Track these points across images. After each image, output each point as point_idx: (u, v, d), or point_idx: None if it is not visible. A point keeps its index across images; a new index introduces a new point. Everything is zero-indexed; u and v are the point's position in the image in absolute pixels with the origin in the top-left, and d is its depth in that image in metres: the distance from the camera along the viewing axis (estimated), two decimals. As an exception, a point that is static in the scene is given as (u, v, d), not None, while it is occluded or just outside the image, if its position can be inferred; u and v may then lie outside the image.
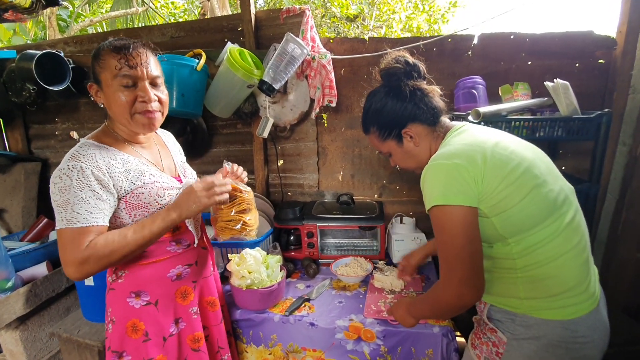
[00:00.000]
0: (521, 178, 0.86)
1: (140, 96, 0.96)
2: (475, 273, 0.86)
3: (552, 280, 0.87)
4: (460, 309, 0.90)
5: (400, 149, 1.08)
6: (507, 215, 0.86)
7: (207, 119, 2.10)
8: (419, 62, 1.05)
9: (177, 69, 1.65)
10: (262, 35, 1.95)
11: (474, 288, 0.86)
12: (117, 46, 0.95)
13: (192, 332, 1.13)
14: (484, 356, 0.98)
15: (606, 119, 1.38)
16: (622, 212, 1.68)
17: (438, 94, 1.05)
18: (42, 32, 5.73)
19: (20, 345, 1.63)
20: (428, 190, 0.90)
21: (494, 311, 0.96)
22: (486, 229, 0.90)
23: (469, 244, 0.85)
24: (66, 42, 2.23)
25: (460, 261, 0.85)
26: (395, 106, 1.04)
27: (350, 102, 1.97)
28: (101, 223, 0.91)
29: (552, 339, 0.87)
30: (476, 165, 0.86)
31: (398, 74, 1.03)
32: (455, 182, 0.86)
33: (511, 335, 0.91)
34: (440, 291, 0.92)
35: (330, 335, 1.30)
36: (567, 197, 0.92)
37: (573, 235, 0.89)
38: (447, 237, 0.87)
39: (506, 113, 1.46)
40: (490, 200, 0.86)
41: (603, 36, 1.68)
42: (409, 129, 1.04)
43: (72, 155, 0.91)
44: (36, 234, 1.97)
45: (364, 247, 1.82)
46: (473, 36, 1.77)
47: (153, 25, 2.23)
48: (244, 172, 1.21)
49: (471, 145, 0.92)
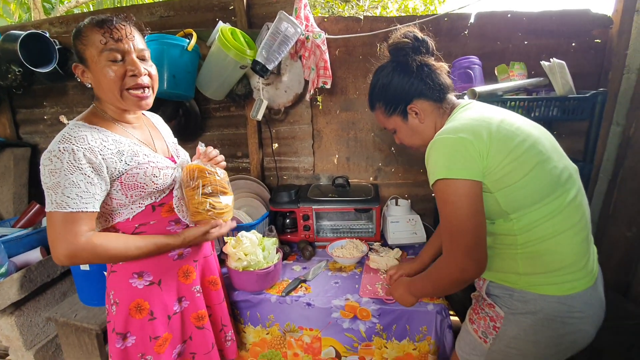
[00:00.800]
0: (526, 154, 0.87)
1: (129, 70, 0.94)
2: (479, 246, 0.86)
3: (551, 257, 0.88)
4: (463, 283, 0.91)
5: (405, 125, 1.08)
6: (510, 191, 0.87)
7: (200, 101, 2.06)
8: (428, 38, 1.04)
9: (167, 49, 1.61)
10: (254, 14, 1.89)
11: (477, 261, 0.86)
12: (99, 20, 0.92)
13: (195, 310, 1.14)
14: (482, 330, 1.00)
15: (601, 99, 1.38)
16: (614, 191, 1.70)
17: (445, 71, 1.05)
18: (26, 14, 5.52)
19: (16, 330, 1.63)
20: (432, 164, 0.90)
21: (493, 287, 0.98)
22: (489, 205, 0.90)
23: (473, 216, 0.85)
24: (51, 22, 2.16)
25: (464, 234, 0.85)
26: (401, 81, 1.03)
27: (345, 84, 1.94)
28: (91, 209, 0.90)
29: (549, 314, 0.88)
30: (482, 140, 0.86)
31: (406, 49, 1.02)
32: (460, 156, 0.86)
33: (508, 310, 0.93)
34: (443, 265, 0.93)
35: (327, 315, 1.31)
36: (571, 176, 0.92)
37: (574, 213, 0.90)
38: (450, 211, 0.86)
39: (502, 93, 1.45)
40: (495, 175, 0.86)
41: (600, 15, 1.67)
42: (414, 105, 1.03)
43: (62, 137, 0.89)
44: (28, 220, 1.95)
45: (360, 229, 1.83)
46: (470, 15, 1.74)
47: (141, 4, 2.16)
48: (220, 155, 1.16)
49: (477, 120, 0.91)
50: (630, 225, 1.67)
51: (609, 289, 1.41)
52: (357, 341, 1.32)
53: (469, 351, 1.04)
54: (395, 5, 5.07)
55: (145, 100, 1.00)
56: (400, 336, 1.29)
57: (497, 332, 0.95)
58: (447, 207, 0.87)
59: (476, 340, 1.01)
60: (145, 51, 0.99)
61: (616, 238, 1.72)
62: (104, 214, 0.99)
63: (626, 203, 1.66)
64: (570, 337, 0.91)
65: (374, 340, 1.31)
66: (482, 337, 0.99)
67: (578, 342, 0.92)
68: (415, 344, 1.28)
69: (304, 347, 1.38)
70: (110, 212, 0.99)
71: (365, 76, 1.91)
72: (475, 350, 1.02)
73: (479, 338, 1.00)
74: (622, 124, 1.66)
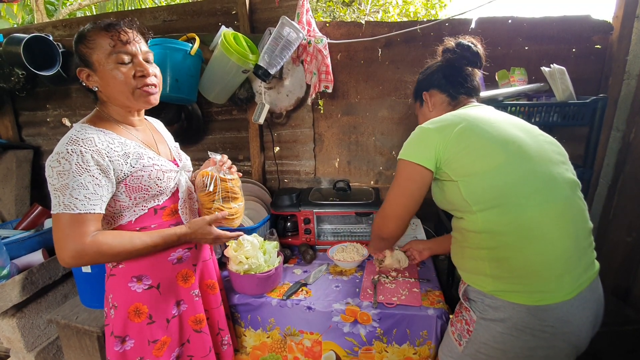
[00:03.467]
0: (489, 149, 0.92)
1: (138, 71, 0.97)
2: (394, 219, 1.05)
3: (516, 261, 0.88)
4: (379, 237, 1.15)
5: (420, 111, 1.26)
6: (471, 180, 0.92)
7: (202, 105, 2.07)
8: (479, 48, 1.14)
9: (171, 53, 1.62)
10: (257, 19, 1.91)
11: (388, 228, 1.08)
12: (106, 24, 0.95)
13: (193, 313, 1.14)
14: (458, 333, 1.02)
15: (601, 104, 1.39)
16: (614, 197, 1.71)
17: (477, 76, 1.16)
18: (29, 16, 5.55)
19: (17, 332, 1.63)
20: (403, 146, 1.05)
21: (470, 291, 0.99)
22: (453, 193, 0.96)
23: (403, 195, 1.02)
24: (55, 25, 2.17)
25: (390, 205, 1.05)
26: (430, 74, 1.19)
27: (347, 88, 1.95)
28: (98, 211, 0.90)
29: (517, 323, 0.88)
30: (443, 133, 0.97)
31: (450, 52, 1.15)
32: (418, 143, 1.00)
33: (480, 315, 0.94)
34: (375, 218, 1.15)
35: (327, 318, 1.32)
36: (554, 184, 0.91)
37: (547, 222, 0.88)
38: (394, 184, 1.04)
39: (502, 98, 1.46)
40: (452, 163, 0.95)
41: (600, 21, 1.68)
42: (429, 93, 1.19)
43: (70, 139, 0.90)
44: (30, 222, 1.96)
45: (361, 232, 1.84)
46: (470, 20, 1.76)
47: (144, 8, 2.17)
48: (233, 166, 1.19)
49: (454, 116, 1.01)
50: (630, 231, 1.67)
51: (609, 294, 1.42)
52: (358, 345, 1.33)
53: (447, 352, 1.06)
54: (397, 10, 5.09)
55: (154, 95, 1.03)
56: (400, 340, 1.29)
57: (470, 336, 0.96)
58: (393, 182, 1.05)
59: (452, 343, 1.03)
60: (149, 54, 1.03)
61: (616, 243, 1.72)
62: (107, 216, 1.00)
63: (626, 208, 1.67)
64: (541, 351, 0.88)
65: (375, 345, 1.31)
66: (457, 339, 1.01)
67: (551, 359, 0.90)
68: (415, 349, 1.29)
69: (304, 351, 1.38)
70: (113, 215, 1.00)
71: (366, 80, 1.92)
72: (451, 352, 1.04)
73: (455, 340, 1.02)
74: (622, 129, 1.67)
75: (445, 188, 0.99)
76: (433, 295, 1.35)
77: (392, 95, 1.90)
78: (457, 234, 1.03)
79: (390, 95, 1.91)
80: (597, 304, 0.94)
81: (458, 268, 1.05)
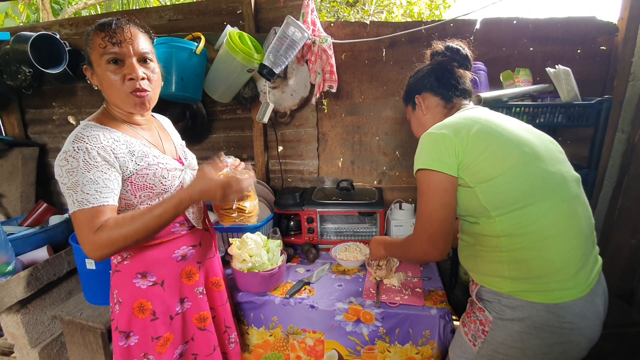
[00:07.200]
0: (506, 151, 0.91)
1: (127, 74, 0.94)
2: (442, 236, 0.95)
3: (537, 262, 0.88)
4: (423, 262, 1.12)
5: (413, 115, 1.22)
6: (489, 186, 0.90)
7: (207, 104, 2.08)
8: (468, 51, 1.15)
9: (176, 52, 1.63)
10: (262, 19, 1.92)
11: (438, 249, 0.97)
12: (100, 24, 0.93)
13: (197, 311, 1.15)
14: (472, 333, 1.01)
15: (606, 106, 1.38)
16: (618, 198, 1.70)
17: (468, 78, 1.14)
18: (34, 14, 5.58)
19: (21, 328, 1.64)
20: (416, 156, 1.00)
21: (484, 292, 0.99)
22: (470, 200, 0.94)
23: (441, 208, 0.94)
24: (61, 24, 2.19)
25: (431, 223, 0.96)
26: (421, 76, 1.17)
27: (351, 88, 1.95)
28: (111, 203, 0.90)
29: (536, 322, 0.88)
30: (460, 137, 0.93)
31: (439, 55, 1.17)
32: (438, 150, 0.94)
33: (497, 315, 0.93)
34: (411, 243, 1.06)
35: (330, 317, 1.32)
36: (566, 182, 0.93)
37: (564, 220, 0.89)
38: (423, 199, 0.97)
39: (507, 99, 1.46)
40: (471, 169, 0.91)
41: (605, 22, 1.67)
42: (422, 96, 1.16)
43: (75, 137, 0.90)
44: (35, 219, 1.97)
45: (364, 232, 1.84)
46: (475, 21, 1.76)
47: (150, 7, 2.19)
48: (249, 164, 1.20)
49: (464, 119, 0.98)
50: (634, 232, 1.66)
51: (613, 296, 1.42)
52: (360, 344, 1.33)
53: (459, 354, 1.05)
54: (401, 10, 5.09)
55: (145, 99, 0.98)
56: (403, 340, 1.29)
57: (485, 336, 0.96)
58: (422, 196, 0.97)
59: (466, 343, 1.02)
60: (149, 53, 0.99)
61: (621, 245, 1.71)
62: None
63: (631, 210, 1.66)
64: (559, 347, 0.89)
65: (377, 344, 1.31)
66: (472, 340, 1.00)
67: (568, 353, 0.91)
68: (418, 348, 1.29)
69: (306, 350, 1.38)
70: (119, 213, 1.00)
71: (370, 81, 1.92)
72: (464, 353, 1.03)
73: (469, 341, 1.01)
74: (627, 131, 1.66)
75: (460, 195, 0.96)
76: (436, 295, 1.35)
77: (396, 96, 1.91)
78: (469, 237, 1.01)
79: (394, 96, 1.91)
80: (604, 295, 0.98)
81: (470, 271, 1.03)
